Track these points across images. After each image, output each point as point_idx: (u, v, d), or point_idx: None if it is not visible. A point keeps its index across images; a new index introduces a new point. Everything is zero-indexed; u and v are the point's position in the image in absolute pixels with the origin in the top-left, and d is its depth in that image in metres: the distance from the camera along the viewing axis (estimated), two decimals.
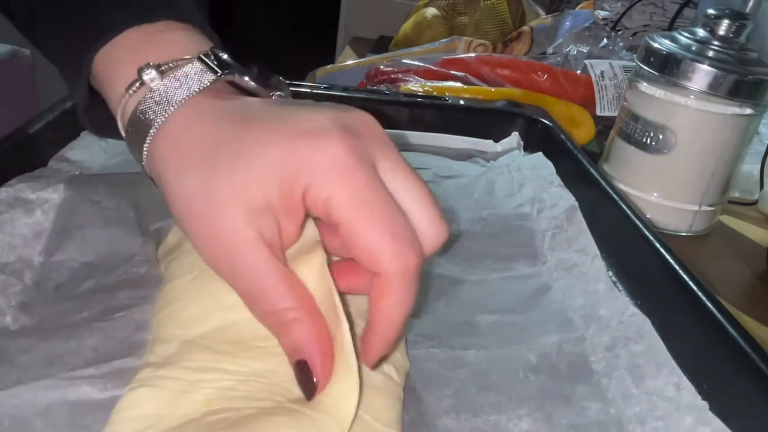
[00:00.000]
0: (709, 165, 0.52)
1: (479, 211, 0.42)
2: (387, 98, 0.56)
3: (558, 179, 0.44)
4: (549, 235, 0.39)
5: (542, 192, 0.43)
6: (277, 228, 0.24)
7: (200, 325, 0.26)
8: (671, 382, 0.28)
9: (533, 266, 0.37)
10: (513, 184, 0.45)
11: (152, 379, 0.24)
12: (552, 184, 0.43)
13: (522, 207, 0.43)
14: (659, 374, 0.28)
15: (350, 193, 0.23)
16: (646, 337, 0.30)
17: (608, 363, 0.30)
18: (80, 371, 0.26)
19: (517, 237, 0.40)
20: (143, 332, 0.29)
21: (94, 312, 0.30)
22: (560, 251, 0.38)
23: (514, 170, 0.47)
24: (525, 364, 0.30)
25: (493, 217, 0.42)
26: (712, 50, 0.50)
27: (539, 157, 0.47)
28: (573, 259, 0.37)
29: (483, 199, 0.44)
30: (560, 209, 0.41)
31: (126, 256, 0.34)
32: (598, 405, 0.28)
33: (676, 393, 0.27)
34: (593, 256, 0.36)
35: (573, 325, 0.32)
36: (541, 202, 0.42)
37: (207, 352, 0.25)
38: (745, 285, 0.49)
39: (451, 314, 0.33)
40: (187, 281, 0.28)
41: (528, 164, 0.47)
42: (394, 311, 0.23)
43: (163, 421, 0.23)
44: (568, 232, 0.39)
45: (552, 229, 0.39)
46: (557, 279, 0.36)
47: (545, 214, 0.41)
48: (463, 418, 0.27)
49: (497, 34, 0.93)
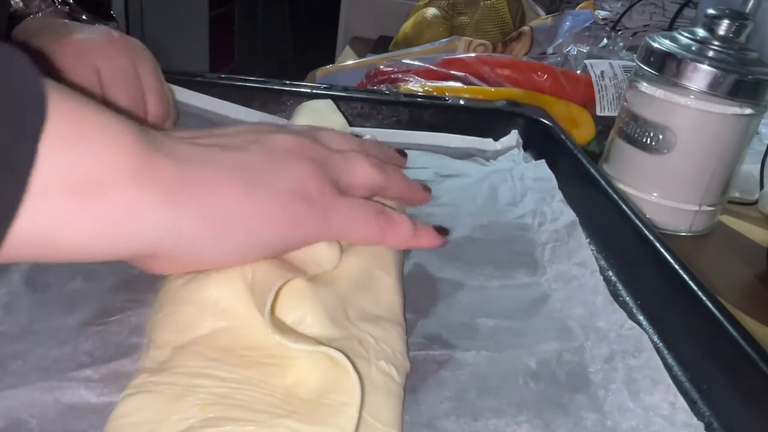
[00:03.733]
0: (709, 165, 0.52)
1: (481, 218, 0.42)
2: (387, 98, 0.56)
3: (560, 194, 0.44)
4: (549, 247, 0.39)
5: (544, 205, 0.43)
6: None
7: (193, 329, 0.26)
8: (667, 400, 0.28)
9: (533, 276, 0.37)
10: (515, 193, 0.46)
11: (147, 385, 0.24)
12: (554, 198, 0.44)
13: (523, 218, 0.43)
14: (655, 390, 0.28)
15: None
16: (644, 352, 0.30)
17: (606, 375, 0.30)
18: (76, 374, 0.26)
19: (517, 246, 0.40)
20: (138, 336, 0.29)
21: (86, 315, 0.30)
22: (560, 263, 0.38)
23: (517, 179, 0.47)
24: (525, 369, 0.30)
25: (494, 225, 0.42)
26: (712, 50, 0.50)
27: (543, 168, 0.47)
28: (572, 272, 0.37)
29: (486, 206, 0.44)
30: (561, 223, 0.41)
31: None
32: (595, 416, 0.28)
33: (671, 411, 0.28)
34: (592, 270, 0.37)
35: (573, 334, 0.32)
36: (542, 215, 0.42)
37: (199, 358, 0.25)
38: (745, 285, 0.49)
39: (452, 316, 0.33)
40: (179, 285, 0.28)
41: (531, 174, 0.47)
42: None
43: (161, 426, 0.23)
44: (568, 246, 0.39)
45: (552, 242, 0.40)
46: (556, 290, 0.36)
47: (546, 227, 0.41)
48: (462, 421, 0.27)
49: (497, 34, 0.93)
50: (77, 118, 0.21)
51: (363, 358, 0.26)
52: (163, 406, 0.23)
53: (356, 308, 0.28)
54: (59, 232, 0.21)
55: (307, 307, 0.26)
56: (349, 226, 0.29)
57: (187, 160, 0.24)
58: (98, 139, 0.21)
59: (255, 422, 0.23)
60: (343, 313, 0.28)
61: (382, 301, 0.30)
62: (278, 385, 0.24)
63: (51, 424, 0.24)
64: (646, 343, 0.31)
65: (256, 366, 0.25)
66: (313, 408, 0.23)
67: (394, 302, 0.30)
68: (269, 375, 0.24)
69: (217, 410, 0.23)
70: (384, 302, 0.30)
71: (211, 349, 0.25)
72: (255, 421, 0.23)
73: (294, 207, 0.26)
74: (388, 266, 0.32)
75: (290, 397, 0.24)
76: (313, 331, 0.26)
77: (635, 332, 0.32)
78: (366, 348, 0.27)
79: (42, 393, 0.25)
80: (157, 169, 0.23)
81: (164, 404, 0.23)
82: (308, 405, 0.24)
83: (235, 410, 0.23)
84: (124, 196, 0.22)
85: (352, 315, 0.28)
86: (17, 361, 0.27)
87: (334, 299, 0.28)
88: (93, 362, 0.27)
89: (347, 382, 0.23)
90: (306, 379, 0.24)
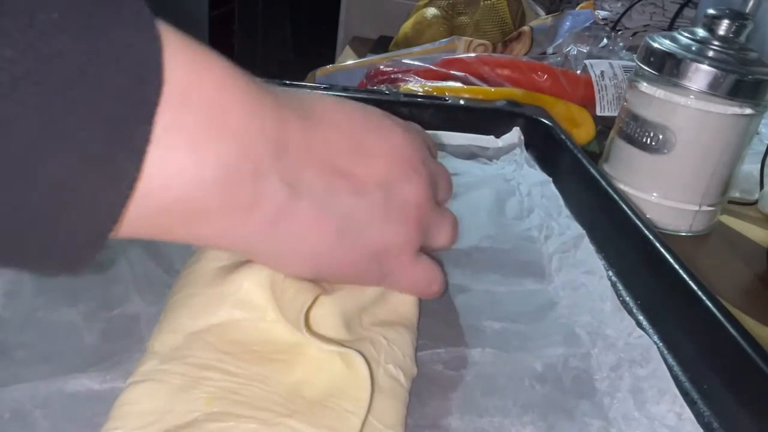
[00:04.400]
0: (709, 165, 0.52)
1: (489, 229, 0.43)
2: (387, 98, 0.56)
3: (566, 211, 0.44)
4: (556, 258, 0.39)
5: (551, 220, 0.43)
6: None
7: (209, 315, 0.26)
8: (673, 411, 0.28)
9: (540, 284, 0.37)
10: (522, 208, 0.46)
11: (155, 373, 0.24)
12: (560, 215, 0.44)
13: (530, 231, 0.43)
14: (662, 400, 0.29)
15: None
16: (652, 362, 0.30)
17: (612, 383, 0.30)
18: (79, 364, 0.26)
19: (524, 256, 0.40)
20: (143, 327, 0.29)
21: (90, 307, 0.30)
22: (567, 273, 0.38)
23: (524, 194, 0.47)
24: (531, 372, 0.30)
25: (502, 235, 0.42)
26: (712, 50, 0.50)
27: (549, 187, 0.48)
28: (580, 279, 0.37)
29: (493, 218, 0.44)
30: (568, 236, 0.41)
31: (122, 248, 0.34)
32: (600, 423, 0.28)
33: (677, 422, 0.28)
34: (600, 276, 0.37)
35: (579, 340, 0.32)
36: (549, 229, 0.43)
37: (210, 349, 0.25)
38: (745, 285, 0.49)
39: (457, 318, 0.33)
40: (213, 267, 0.28)
41: (538, 192, 0.47)
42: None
43: (165, 417, 0.23)
44: (575, 256, 0.39)
45: (559, 253, 0.40)
46: (563, 297, 0.36)
47: (553, 240, 0.41)
48: (467, 418, 0.27)
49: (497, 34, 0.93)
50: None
51: (373, 360, 0.26)
52: (169, 396, 0.23)
53: (372, 315, 0.28)
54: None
55: (325, 311, 0.26)
56: (401, 287, 0.29)
57: (303, 192, 0.23)
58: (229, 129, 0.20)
59: (258, 420, 0.23)
60: (358, 320, 0.28)
61: (398, 312, 0.30)
62: (284, 382, 0.24)
63: (54, 411, 0.24)
64: (654, 353, 0.31)
65: (264, 362, 0.25)
66: (317, 410, 0.23)
67: (411, 312, 0.30)
68: (276, 371, 0.24)
69: (222, 405, 0.23)
70: (400, 312, 0.30)
71: (223, 342, 0.25)
72: (258, 419, 0.23)
73: (365, 265, 0.26)
74: None
75: (294, 396, 0.24)
76: (327, 334, 0.26)
77: (643, 341, 0.32)
78: (377, 349, 0.27)
79: (46, 384, 0.25)
80: (269, 192, 0.22)
81: (171, 395, 0.23)
82: (312, 406, 0.24)
83: (239, 406, 0.23)
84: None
85: (366, 321, 0.28)
86: (21, 351, 0.27)
87: (352, 306, 0.28)
88: (96, 352, 0.27)
89: (358, 392, 0.23)
90: (313, 378, 0.25)
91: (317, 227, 0.24)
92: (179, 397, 0.23)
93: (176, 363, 0.24)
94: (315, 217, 0.24)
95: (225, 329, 0.26)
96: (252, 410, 0.23)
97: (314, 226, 0.24)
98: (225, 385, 0.24)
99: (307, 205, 0.23)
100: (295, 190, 0.23)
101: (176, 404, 0.23)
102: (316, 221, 0.24)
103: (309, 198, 0.23)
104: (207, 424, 0.22)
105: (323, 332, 0.26)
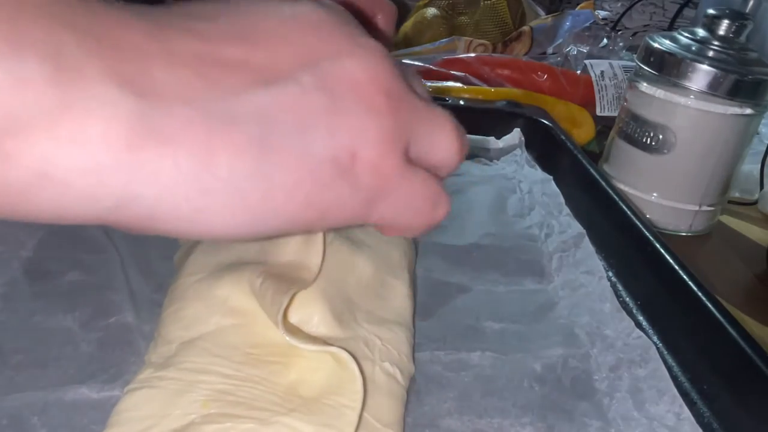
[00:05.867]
0: (709, 165, 0.52)
1: (489, 227, 0.43)
2: None
3: (567, 209, 0.44)
4: (557, 257, 0.40)
5: (551, 219, 0.44)
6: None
7: (200, 325, 0.26)
8: (672, 411, 0.28)
9: (540, 283, 0.37)
10: (523, 206, 0.46)
11: (152, 380, 0.24)
12: (561, 213, 0.44)
13: (531, 229, 0.43)
14: (660, 401, 0.29)
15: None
16: (651, 362, 0.30)
17: (611, 383, 0.30)
18: (76, 372, 0.27)
19: (525, 255, 0.40)
20: (138, 335, 0.29)
21: (85, 313, 0.30)
22: (567, 273, 0.38)
23: (525, 192, 0.48)
24: (530, 373, 0.30)
25: (502, 233, 0.42)
26: (712, 50, 0.50)
27: (549, 185, 0.48)
28: (580, 280, 0.37)
29: (494, 215, 0.44)
30: (568, 235, 0.41)
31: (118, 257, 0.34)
32: (599, 423, 0.28)
33: (676, 422, 0.28)
34: (600, 277, 0.37)
35: (579, 341, 0.33)
36: (550, 227, 0.43)
37: (205, 354, 0.25)
38: (745, 285, 0.49)
39: (457, 319, 0.33)
40: (193, 281, 0.28)
41: (539, 189, 0.47)
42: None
43: (162, 421, 0.23)
44: (575, 256, 0.39)
45: (559, 252, 0.40)
46: (563, 297, 0.36)
47: (553, 238, 0.42)
48: (466, 419, 0.27)
49: (497, 34, 0.93)
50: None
51: (367, 359, 0.26)
52: (165, 401, 0.23)
53: (365, 311, 0.28)
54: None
55: (314, 308, 0.26)
56: (396, 217, 0.21)
57: (166, 96, 0.16)
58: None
59: (255, 419, 0.23)
60: (351, 315, 0.28)
61: (393, 307, 0.30)
62: (280, 382, 0.24)
63: (53, 420, 0.25)
64: (653, 353, 0.31)
65: (260, 364, 0.25)
66: (313, 407, 0.23)
67: (405, 307, 0.30)
68: (272, 373, 0.25)
69: (219, 407, 0.23)
70: (394, 308, 0.30)
71: (217, 346, 0.25)
72: (255, 419, 0.23)
73: (327, 184, 0.18)
74: (400, 272, 0.32)
75: (291, 395, 0.24)
76: (319, 331, 0.26)
77: (642, 341, 0.32)
78: (371, 349, 0.27)
79: (44, 392, 0.25)
80: (99, 99, 0.15)
81: (167, 399, 0.23)
82: (309, 403, 0.24)
83: (236, 407, 0.23)
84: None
85: (360, 317, 0.28)
86: (18, 357, 0.27)
87: (342, 301, 0.28)
88: (93, 361, 0.27)
89: (351, 385, 0.23)
90: (309, 377, 0.25)
91: (220, 144, 0.17)
92: (176, 401, 0.23)
93: (172, 369, 0.24)
94: (206, 131, 0.16)
95: (219, 335, 0.26)
96: (249, 410, 0.23)
97: (209, 142, 0.16)
98: (221, 387, 0.24)
99: (185, 114, 0.16)
100: (149, 97, 0.16)
101: (173, 408, 0.23)
102: (208, 135, 0.16)
103: (183, 104, 0.16)
104: (204, 426, 0.22)
105: (314, 330, 0.26)
